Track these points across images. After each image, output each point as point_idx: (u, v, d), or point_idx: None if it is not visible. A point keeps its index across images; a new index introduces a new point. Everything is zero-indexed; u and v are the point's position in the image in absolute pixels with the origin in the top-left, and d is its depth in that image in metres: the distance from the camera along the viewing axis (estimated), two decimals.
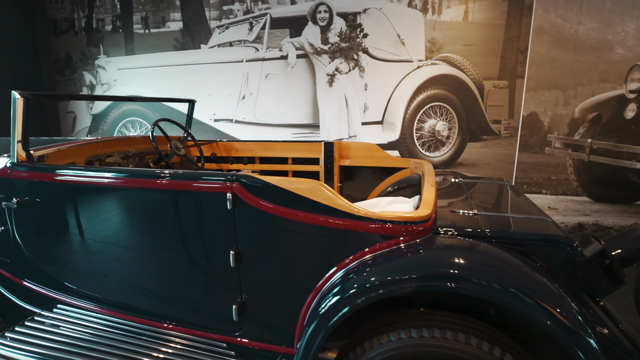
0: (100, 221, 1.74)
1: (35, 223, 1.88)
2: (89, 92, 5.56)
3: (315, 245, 1.43)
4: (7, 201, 1.90)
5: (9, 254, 2.01)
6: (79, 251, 1.82)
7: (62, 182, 1.76)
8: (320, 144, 2.88)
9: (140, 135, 2.83)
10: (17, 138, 1.84)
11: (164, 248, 1.63)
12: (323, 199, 1.38)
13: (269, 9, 4.66)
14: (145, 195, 1.62)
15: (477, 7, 4.06)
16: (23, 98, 1.80)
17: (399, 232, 1.35)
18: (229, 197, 1.46)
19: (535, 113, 4.06)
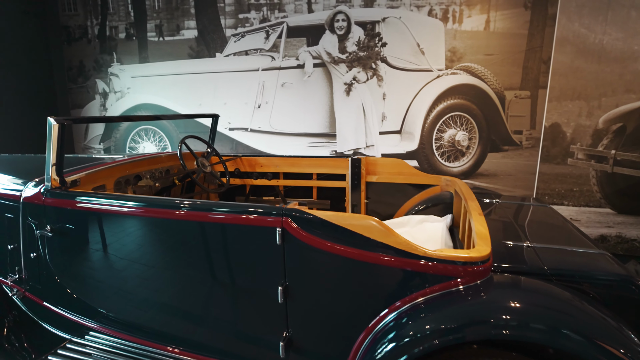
0: (139, 252, 1.70)
1: (69, 250, 1.84)
2: (102, 100, 5.53)
3: (368, 283, 1.39)
4: (41, 228, 1.86)
5: (41, 280, 1.98)
6: (114, 281, 1.78)
7: (99, 211, 1.73)
8: (346, 159, 2.83)
9: (166, 153, 2.79)
10: (52, 163, 1.80)
11: (207, 281, 1.59)
12: (377, 235, 1.34)
13: (285, 17, 4.62)
14: (188, 227, 1.58)
15: (499, 17, 4.01)
16: (59, 124, 1.76)
17: (458, 273, 1.31)
18: (279, 232, 1.42)
19: (557, 124, 4.00)
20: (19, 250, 2.04)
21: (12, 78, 5.07)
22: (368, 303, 1.39)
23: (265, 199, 3.14)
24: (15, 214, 2.01)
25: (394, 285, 1.35)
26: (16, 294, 2.10)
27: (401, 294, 1.34)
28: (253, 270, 1.51)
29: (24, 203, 1.94)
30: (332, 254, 1.39)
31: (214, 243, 1.55)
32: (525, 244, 1.57)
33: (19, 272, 2.06)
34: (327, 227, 1.39)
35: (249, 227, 1.47)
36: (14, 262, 2.08)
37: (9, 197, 2.03)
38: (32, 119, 5.38)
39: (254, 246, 1.49)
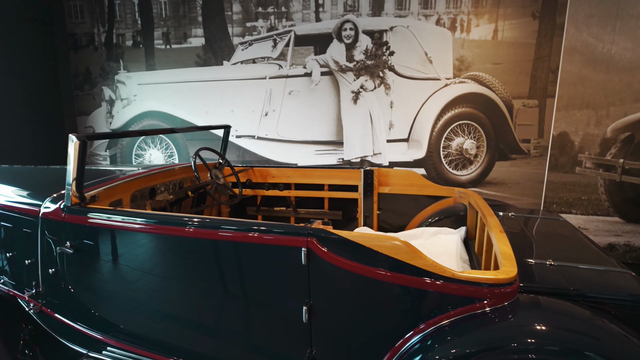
0: (159, 269, 1.70)
1: (89, 267, 1.84)
2: (108, 107, 5.54)
3: (394, 304, 1.38)
4: (60, 245, 1.86)
5: (58, 295, 1.98)
6: (134, 297, 1.78)
7: (119, 228, 1.73)
8: (359, 171, 2.83)
9: (179, 165, 2.79)
10: (72, 180, 1.80)
11: (229, 299, 1.59)
12: (404, 256, 1.34)
13: (293, 26, 4.64)
14: (210, 246, 1.58)
15: (507, 26, 4.03)
16: (80, 141, 1.76)
17: (485, 295, 1.30)
18: (304, 252, 1.42)
19: (565, 132, 4.01)
20: (36, 265, 2.04)
21: (18, 85, 5.08)
22: (393, 324, 1.39)
23: (277, 209, 3.15)
24: (33, 229, 2.01)
25: (419, 306, 1.35)
26: (33, 308, 2.10)
27: (427, 315, 1.34)
28: (277, 289, 1.51)
29: (43, 219, 1.94)
30: (358, 274, 1.39)
31: (237, 262, 1.56)
32: (548, 262, 1.57)
33: (36, 286, 2.06)
34: (352, 247, 1.39)
35: (274, 246, 1.48)
36: (31, 276, 2.08)
37: (27, 212, 2.04)
38: (38, 126, 5.39)
39: (279, 265, 1.49)
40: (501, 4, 4.02)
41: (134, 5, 5.17)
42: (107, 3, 5.26)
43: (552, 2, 3.89)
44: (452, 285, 1.31)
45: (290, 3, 4.63)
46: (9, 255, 2.18)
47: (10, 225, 2.16)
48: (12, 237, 2.17)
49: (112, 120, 5.54)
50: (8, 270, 2.25)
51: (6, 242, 2.21)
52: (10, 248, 2.19)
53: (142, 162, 5.54)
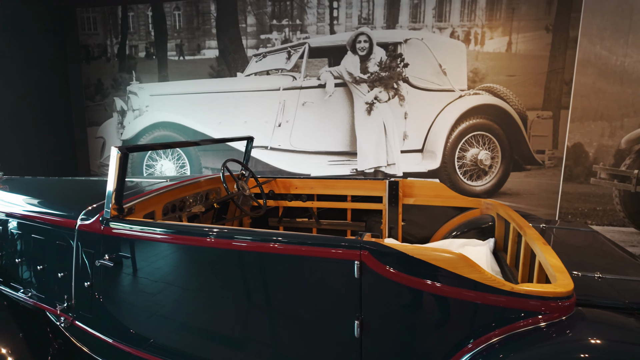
0: (202, 284, 1.69)
1: (128, 280, 1.82)
2: (119, 118, 5.55)
3: (449, 318, 1.38)
4: (99, 258, 1.85)
5: (93, 309, 1.95)
6: (175, 312, 1.76)
7: (161, 241, 1.72)
8: (383, 182, 2.84)
9: (205, 177, 2.79)
10: (112, 192, 1.79)
11: (277, 315, 1.57)
12: (462, 270, 1.33)
13: (307, 38, 4.69)
14: (258, 259, 1.57)
15: (521, 39, 4.09)
16: (121, 153, 1.76)
17: (541, 309, 1.30)
18: (357, 265, 1.42)
19: (580, 143, 4.05)
20: (69, 278, 2.01)
21: (29, 95, 5.09)
22: (447, 339, 1.38)
23: (299, 220, 3.14)
24: (68, 241, 2.00)
25: (476, 320, 1.34)
26: (63, 322, 2.07)
27: (484, 329, 1.33)
28: (327, 303, 1.50)
29: (80, 231, 1.93)
30: (412, 287, 1.39)
31: (286, 275, 1.55)
32: (596, 275, 1.57)
33: (67, 300, 2.04)
34: (408, 260, 1.39)
35: (325, 259, 1.47)
36: (63, 289, 2.06)
37: (62, 224, 2.02)
38: (48, 136, 5.39)
39: (330, 279, 1.49)
40: (515, 17, 4.08)
41: (148, 17, 5.21)
42: (120, 15, 5.30)
43: (566, 16, 3.96)
44: (511, 299, 1.30)
45: (304, 16, 4.69)
46: (39, 268, 2.15)
47: (42, 238, 2.14)
48: (43, 250, 2.15)
49: (124, 130, 5.54)
50: (37, 283, 2.23)
51: (36, 255, 2.20)
52: (41, 261, 2.18)
53: (153, 173, 5.53)
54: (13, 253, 2.35)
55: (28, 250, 2.25)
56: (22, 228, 2.28)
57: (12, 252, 2.36)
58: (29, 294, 2.27)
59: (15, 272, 2.35)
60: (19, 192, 2.62)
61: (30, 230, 2.22)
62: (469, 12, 4.18)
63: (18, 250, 2.31)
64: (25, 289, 2.30)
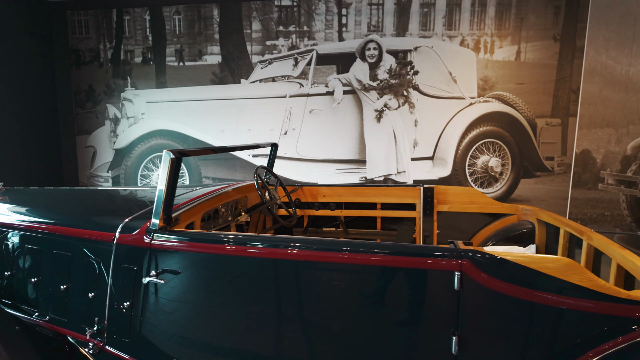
0: (269, 300, 1.54)
1: (182, 299, 1.65)
2: (112, 126, 5.29)
3: (560, 330, 1.30)
4: (145, 275, 1.67)
5: (132, 332, 1.76)
6: (234, 333, 1.60)
7: (222, 253, 1.57)
8: (417, 189, 2.78)
9: (234, 185, 2.63)
10: (163, 200, 1.63)
11: (361, 332, 1.45)
12: (576, 278, 1.26)
13: (315, 45, 4.62)
14: (340, 270, 1.45)
15: (530, 48, 4.18)
16: (175, 157, 1.61)
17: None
18: (457, 275, 1.32)
19: (587, 150, 4.14)
20: (102, 298, 1.82)
21: (13, 102, 4.76)
22: (556, 353, 1.30)
23: (326, 230, 3.02)
24: (101, 257, 1.81)
25: (591, 331, 1.27)
26: (92, 348, 1.86)
27: (599, 341, 1.26)
28: (421, 317, 1.40)
29: (119, 245, 1.75)
30: (519, 299, 1.30)
31: (372, 289, 1.43)
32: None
33: (98, 322, 1.83)
34: (515, 270, 1.30)
35: (420, 270, 1.37)
36: (93, 311, 1.86)
37: (96, 238, 1.83)
38: (33, 145, 5.06)
39: (424, 291, 1.39)
40: (523, 26, 4.17)
41: (145, 21, 5.02)
42: (115, 18, 5.08)
43: (572, 26, 4.08)
44: (629, 308, 1.24)
45: (312, 22, 4.63)
46: (62, 288, 1.94)
47: (67, 254, 1.94)
48: (66, 267, 1.94)
49: (117, 139, 5.28)
50: (56, 305, 2.00)
51: (57, 273, 1.98)
52: (63, 280, 1.96)
53: (149, 183, 5.27)
54: (25, 272, 2.11)
55: (46, 269, 2.02)
56: (39, 243, 2.05)
57: (24, 271, 2.12)
58: (47, 317, 2.04)
59: (28, 293, 2.11)
60: (29, 204, 2.39)
61: (51, 246, 2.00)
62: (478, 21, 4.25)
63: (32, 269, 2.08)
64: (40, 312, 2.06)
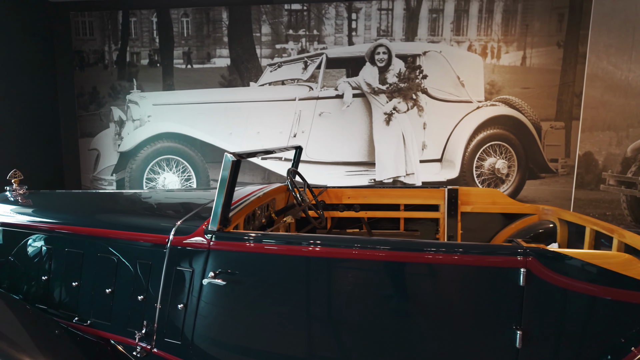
0: (332, 302, 1.58)
1: (241, 300, 1.67)
2: (117, 128, 5.24)
3: (624, 324, 1.37)
4: (203, 276, 1.69)
5: (184, 336, 1.77)
6: (298, 335, 1.63)
7: (282, 253, 1.60)
8: (441, 190, 2.86)
9: (267, 188, 2.66)
10: (222, 202, 1.65)
11: (427, 327, 1.50)
12: (636, 273, 1.34)
13: (325, 48, 4.69)
14: (403, 270, 1.50)
15: (535, 54, 4.33)
16: (236, 159, 1.64)
17: None
18: (523, 272, 1.39)
19: (590, 152, 4.31)
20: (152, 301, 1.82)
21: (14, 104, 4.66)
22: (619, 347, 1.37)
23: (349, 231, 3.07)
24: (154, 259, 1.82)
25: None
26: (139, 352, 1.86)
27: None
28: (484, 313, 1.46)
29: (174, 247, 1.76)
30: (584, 294, 1.38)
31: (437, 285, 1.49)
32: None
33: (147, 326, 1.84)
34: (581, 266, 1.37)
35: (484, 267, 1.43)
36: (141, 314, 1.86)
37: (148, 240, 1.84)
38: (33, 149, 4.94)
39: (488, 288, 1.45)
40: (529, 33, 4.33)
41: (152, 23, 5.00)
42: (121, 20, 5.04)
43: (575, 33, 4.24)
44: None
45: (322, 26, 4.69)
46: (107, 291, 1.93)
47: (113, 257, 1.94)
48: (112, 271, 1.94)
49: (121, 142, 5.22)
50: (100, 308, 2.00)
51: (101, 277, 1.97)
52: (107, 283, 1.95)
53: (155, 186, 5.23)
54: (64, 276, 2.09)
55: (89, 272, 2.01)
56: (80, 247, 2.04)
57: (62, 274, 2.10)
58: (88, 321, 2.03)
59: (67, 298, 2.10)
60: (63, 207, 2.38)
61: (94, 249, 2.00)
62: (485, 27, 4.38)
63: (72, 273, 2.06)
64: (81, 316, 2.05)
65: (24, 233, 2.27)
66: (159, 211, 2.28)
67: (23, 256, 2.28)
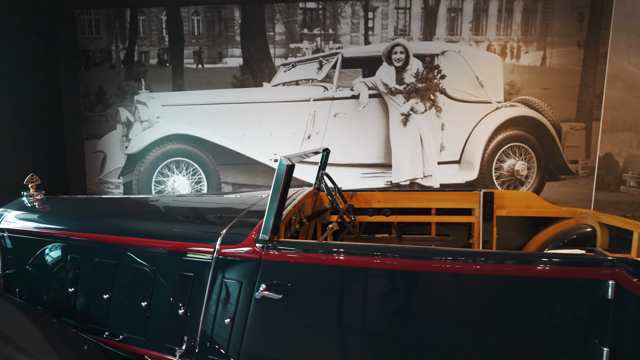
0: (396, 314, 1.49)
1: (297, 314, 1.57)
2: (124, 130, 5.10)
3: None
4: (255, 289, 1.58)
5: (229, 352, 1.66)
6: (361, 353, 1.52)
7: (344, 264, 1.50)
8: (476, 193, 2.78)
9: (296, 192, 2.55)
10: (275, 210, 1.55)
11: (504, 341, 1.42)
12: None
13: (340, 48, 4.59)
14: (478, 282, 1.41)
15: (555, 54, 4.28)
16: (290, 164, 1.54)
17: None
18: (611, 285, 1.31)
19: (610, 153, 4.27)
20: (195, 315, 1.71)
21: (16, 104, 4.49)
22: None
23: (379, 236, 2.98)
24: (197, 271, 1.71)
25: None
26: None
27: None
28: (566, 328, 1.37)
29: (221, 258, 1.66)
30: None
31: (514, 299, 1.40)
32: None
33: (188, 342, 1.72)
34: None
35: (567, 279, 1.35)
36: (181, 329, 1.76)
37: (191, 251, 1.72)
38: (36, 151, 4.77)
39: (571, 301, 1.36)
40: (549, 33, 4.28)
41: (162, 22, 4.87)
42: (129, 18, 4.90)
43: (596, 33, 4.20)
44: None
45: (337, 25, 4.60)
46: (143, 304, 1.82)
47: (151, 268, 1.82)
48: (149, 283, 1.83)
49: (129, 144, 5.08)
50: (134, 323, 1.88)
51: (137, 289, 1.86)
52: (143, 296, 1.83)
53: (164, 190, 5.10)
54: (94, 288, 1.97)
55: (122, 284, 1.90)
56: (113, 257, 1.93)
57: (91, 287, 1.98)
58: (120, 336, 1.91)
59: (97, 311, 1.97)
60: (86, 214, 2.25)
61: (128, 260, 1.88)
62: (505, 26, 4.33)
63: (103, 285, 1.94)
64: (112, 331, 1.93)
65: (46, 241, 2.15)
66: (198, 219, 2.17)
67: (45, 266, 2.16)
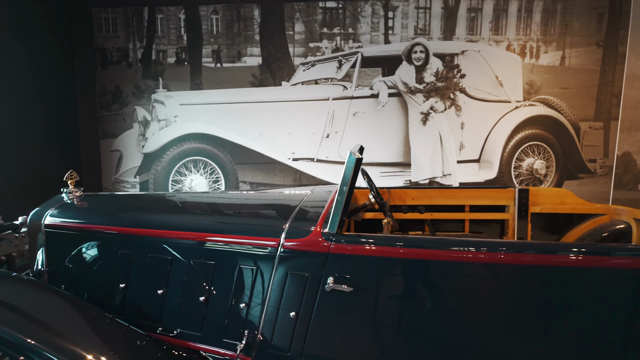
0: (478, 307, 1.50)
1: (366, 308, 1.59)
2: (141, 129, 5.09)
3: None
4: (323, 282, 1.59)
5: (292, 347, 1.66)
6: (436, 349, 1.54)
7: (416, 257, 1.52)
8: (511, 190, 2.81)
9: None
10: (343, 203, 1.57)
11: (576, 334, 1.43)
12: None
13: (360, 47, 4.62)
14: (561, 274, 1.43)
15: (574, 54, 4.33)
16: (362, 157, 1.57)
17: None
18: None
19: (629, 152, 4.33)
20: (256, 310, 1.72)
21: (31, 103, 4.47)
22: None
23: (412, 234, 2.99)
24: (260, 264, 1.72)
25: None
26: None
27: None
28: (616, 321, 1.39)
29: (287, 251, 1.66)
30: None
31: (585, 291, 1.42)
32: None
33: (248, 337, 1.73)
34: None
35: (612, 270, 1.37)
36: (240, 325, 1.76)
37: (256, 244, 1.73)
38: (51, 150, 4.73)
39: (616, 294, 1.38)
40: (568, 33, 4.33)
41: (180, 20, 4.87)
42: (147, 17, 4.90)
43: (614, 33, 4.26)
44: None
45: (357, 25, 4.63)
46: (201, 299, 1.82)
47: (211, 263, 1.81)
48: (208, 278, 1.83)
49: (146, 143, 5.07)
50: (190, 319, 1.88)
51: (193, 285, 1.85)
52: (201, 291, 1.83)
53: (181, 189, 5.09)
54: (147, 283, 1.97)
55: (177, 279, 1.90)
56: (168, 252, 1.92)
57: (145, 282, 1.98)
58: (174, 332, 1.91)
59: (150, 307, 1.97)
60: (136, 210, 2.26)
61: (186, 255, 1.88)
62: (524, 26, 4.37)
63: (157, 280, 1.94)
64: (165, 326, 1.93)
65: (94, 237, 2.15)
66: (256, 214, 2.17)
67: (93, 262, 2.16)
